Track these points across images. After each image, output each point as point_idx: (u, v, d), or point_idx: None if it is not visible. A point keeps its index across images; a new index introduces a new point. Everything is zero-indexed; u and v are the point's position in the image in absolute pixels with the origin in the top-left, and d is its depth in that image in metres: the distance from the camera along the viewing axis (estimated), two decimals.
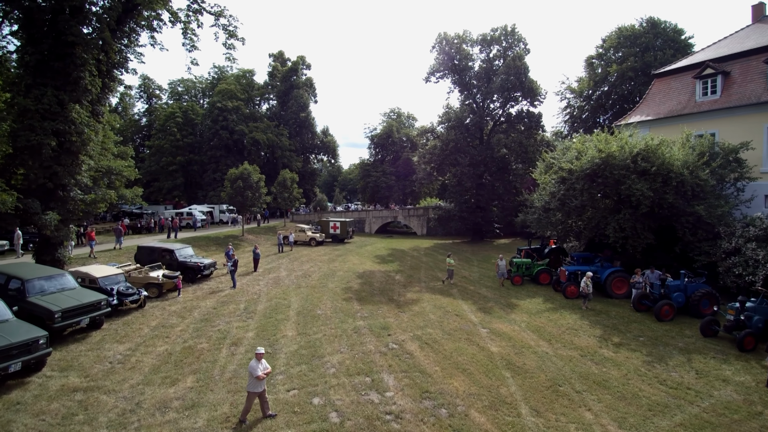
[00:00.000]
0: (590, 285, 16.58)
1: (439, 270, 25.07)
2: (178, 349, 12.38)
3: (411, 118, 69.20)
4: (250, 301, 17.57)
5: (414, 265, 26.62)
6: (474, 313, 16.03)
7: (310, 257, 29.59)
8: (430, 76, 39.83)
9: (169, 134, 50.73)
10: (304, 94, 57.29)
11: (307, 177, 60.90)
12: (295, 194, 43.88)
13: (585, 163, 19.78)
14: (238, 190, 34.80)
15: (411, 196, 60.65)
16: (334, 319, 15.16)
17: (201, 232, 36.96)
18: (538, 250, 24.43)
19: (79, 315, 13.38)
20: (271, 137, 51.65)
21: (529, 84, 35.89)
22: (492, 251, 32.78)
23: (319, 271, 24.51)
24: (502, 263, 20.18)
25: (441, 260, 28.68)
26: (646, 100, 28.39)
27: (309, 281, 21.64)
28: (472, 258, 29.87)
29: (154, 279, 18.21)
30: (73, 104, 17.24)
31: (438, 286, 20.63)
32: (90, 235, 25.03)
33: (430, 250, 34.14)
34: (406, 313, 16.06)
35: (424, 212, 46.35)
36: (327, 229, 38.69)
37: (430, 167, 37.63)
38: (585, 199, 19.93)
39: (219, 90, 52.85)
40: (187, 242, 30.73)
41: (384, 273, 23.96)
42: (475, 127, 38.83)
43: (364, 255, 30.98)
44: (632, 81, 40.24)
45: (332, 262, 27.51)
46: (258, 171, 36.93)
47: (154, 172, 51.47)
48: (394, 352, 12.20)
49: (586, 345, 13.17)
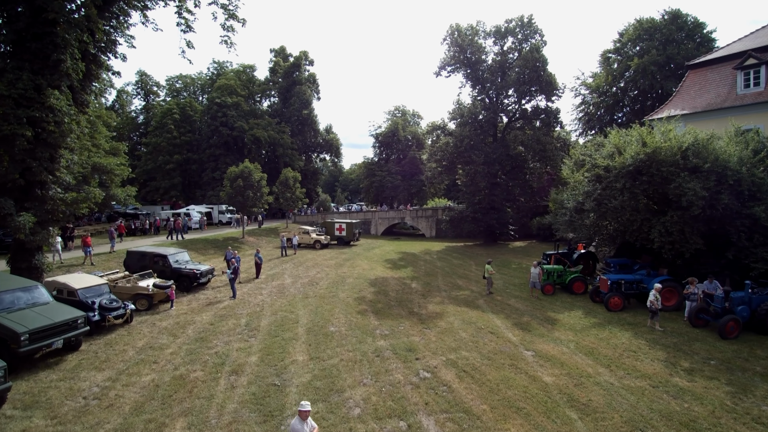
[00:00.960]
0: (659, 299, 14.45)
1: (457, 277, 22.96)
2: (167, 380, 10.26)
3: (416, 116, 67.17)
4: (253, 315, 15.44)
5: (429, 271, 24.50)
6: (511, 330, 13.91)
7: (315, 262, 27.47)
8: (441, 69, 37.78)
9: (166, 132, 48.60)
10: (307, 91, 55.18)
11: (310, 176, 58.79)
12: (298, 194, 41.78)
13: (627, 159, 17.72)
14: (238, 189, 32.71)
15: (417, 197, 58.56)
16: (351, 337, 13.04)
17: (199, 234, 34.84)
18: (566, 255, 22.35)
19: (50, 336, 11.27)
20: (272, 135, 49.55)
21: (547, 78, 33.83)
22: (509, 255, 30.69)
23: (327, 277, 22.40)
24: (536, 271, 18.05)
25: (457, 265, 26.58)
26: (680, 93, 26.31)
27: (317, 290, 19.52)
28: None
29: (144, 289, 16.09)
30: (52, 90, 15.12)
31: (462, 296, 18.51)
32: (85, 241, 22.54)
33: (443, 253, 32.03)
34: (432, 329, 13.95)
35: (432, 213, 44.25)
36: (332, 231, 36.59)
37: (441, 165, 35.49)
38: (626, 200, 17.83)
39: (218, 86, 50.74)
40: (183, 245, 28.67)
41: (398, 280, 21.85)
42: (488, 124, 36.77)
43: (373, 259, 28.86)
44: (654, 75, 38.18)
45: (340, 267, 25.40)
46: (259, 169, 34.85)
47: (151, 171, 49.33)
48: (428, 383, 10.10)
49: (653, 372, 11.08)
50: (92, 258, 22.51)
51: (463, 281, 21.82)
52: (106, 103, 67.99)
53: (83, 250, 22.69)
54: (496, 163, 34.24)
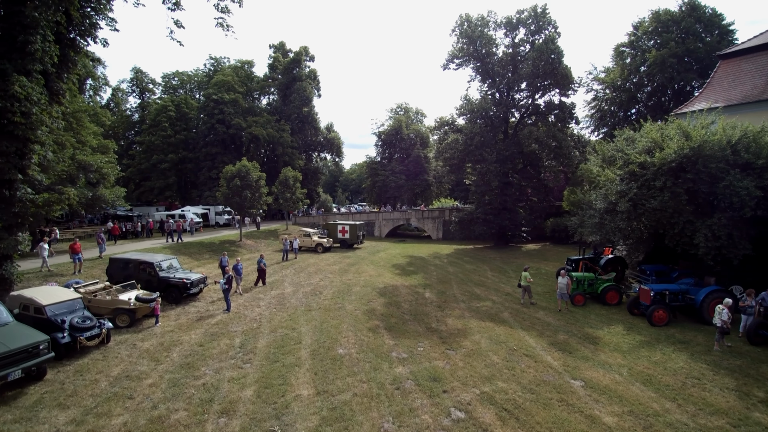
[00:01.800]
0: (730, 317, 12.52)
1: (474, 284, 21.04)
2: (142, 423, 8.34)
3: (420, 114, 65.17)
4: (249, 333, 13.50)
5: (442, 278, 22.58)
6: (549, 352, 11.99)
7: (318, 267, 25.54)
8: (449, 62, 35.91)
9: (161, 129, 46.65)
10: (307, 87, 53.20)
11: (310, 176, 56.83)
12: (299, 194, 39.87)
13: (669, 154, 15.82)
14: (234, 189, 30.80)
15: (422, 197, 56.62)
16: (363, 363, 11.11)
17: (193, 237, 32.88)
18: (592, 261, 20.45)
19: (6, 366, 9.39)
20: (271, 132, 47.60)
21: (563, 70, 31.93)
22: (523, 259, 28.77)
23: (332, 285, 20.47)
24: (564, 281, 16.11)
25: (471, 271, 24.67)
26: (712, 85, 24.43)
27: (321, 300, 17.59)
28: (505, 268, 25.84)
29: (124, 303, 14.15)
30: (18, 76, 13.20)
31: (483, 308, 16.58)
32: (73, 248, 20.06)
33: (453, 257, 30.11)
34: (456, 351, 12.03)
35: (439, 214, 42.33)
36: (335, 234, 34.67)
37: (451, 164, 33.56)
38: (666, 200, 15.94)
39: (215, 81, 48.75)
40: (176, 249, 26.74)
41: (410, 289, 19.92)
42: (499, 120, 34.88)
43: (380, 264, 26.94)
44: (674, 68, 36.28)
45: (345, 274, 23.48)
46: (258, 168, 32.94)
47: (145, 171, 47.39)
48: (464, 427, 8.18)
49: (727, 405, 9.20)
50: (81, 266, 20.32)
51: (480, 290, 19.90)
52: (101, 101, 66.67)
53: (71, 257, 20.42)
54: (508, 161, 32.38)
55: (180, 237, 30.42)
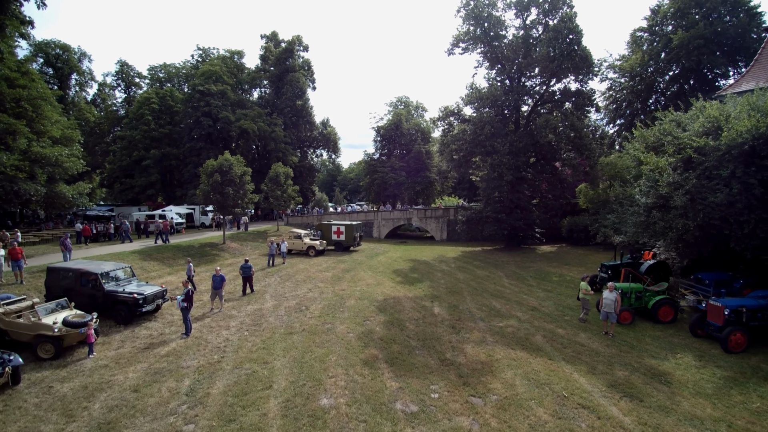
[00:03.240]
0: None
1: (491, 295, 17.78)
2: None
3: (421, 108, 61.92)
4: (204, 371, 10.21)
5: (452, 287, 19.32)
6: (612, 400, 8.72)
7: (308, 274, 22.28)
8: (454, 47, 32.66)
9: (143, 123, 43.25)
10: (301, 78, 49.83)
11: (305, 174, 53.50)
12: (290, 192, 36.57)
13: (740, 135, 12.61)
14: (215, 186, 27.50)
15: (423, 195, 53.37)
16: (355, 423, 7.84)
17: (173, 240, 29.57)
18: (631, 267, 17.26)
19: None
20: (262, 127, 44.25)
21: (582, 53, 28.71)
22: (542, 263, 25.55)
23: (321, 297, 17.21)
24: (611, 296, 12.76)
25: (483, 278, 21.42)
26: (759, 62, 21.26)
27: (306, 319, 14.33)
28: (522, 274, 22.59)
29: (47, 329, 10.87)
30: None
31: (508, 330, 13.29)
32: (13, 254, 16.48)
33: (461, 261, 26.86)
34: (485, 400, 8.76)
35: (443, 213, 39.07)
36: (329, 235, 31.40)
37: (457, 156, 30.28)
38: (735, 192, 12.73)
39: (202, 71, 45.33)
40: (147, 253, 23.48)
41: (415, 302, 16.66)
42: (510, 109, 31.67)
43: (379, 270, 23.68)
44: (701, 52, 33.10)
45: (338, 282, 20.23)
46: (243, 163, 29.63)
47: (126, 168, 44.01)
48: None
49: None
50: (22, 275, 16.87)
51: (500, 303, 16.63)
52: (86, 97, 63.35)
53: (10, 265, 16.98)
54: (521, 153, 29.15)
55: (167, 238, 27.89)
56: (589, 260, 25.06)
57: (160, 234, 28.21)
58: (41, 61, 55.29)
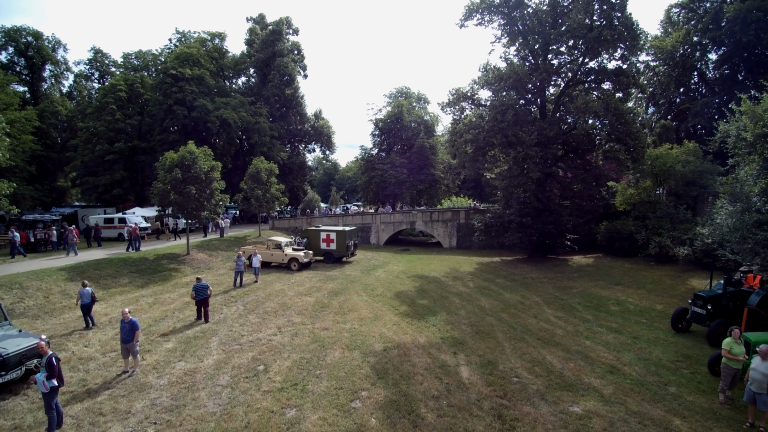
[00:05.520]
0: None
1: (539, 341, 12.34)
2: None
3: (423, 100, 56.36)
4: None
5: (478, 324, 13.91)
6: None
7: (282, 300, 16.86)
8: (467, 18, 27.25)
9: (107, 113, 37.74)
10: (290, 64, 44.34)
11: (296, 171, 48.01)
12: (274, 191, 31.17)
13: None
14: (174, 183, 22.11)
15: (426, 195, 47.95)
16: None
17: (120, 252, 24.16)
18: (735, 296, 11.96)
19: None
20: (244, 117, 38.78)
21: (625, 21, 23.35)
22: (583, 281, 20.19)
23: (293, 345, 11.81)
24: (764, 366, 7.42)
25: (517, 306, 15.99)
26: None
27: (258, 396, 8.92)
28: (567, 300, 17.19)
29: None
30: None
31: (597, 426, 7.88)
32: None
33: (480, 278, 21.48)
34: None
35: (452, 216, 33.65)
36: (317, 243, 26.00)
37: (473, 148, 24.80)
38: None
39: (176, 54, 39.90)
40: (81, 270, 18.11)
41: (430, 354, 11.24)
42: (534, 92, 26.29)
43: (377, 293, 18.26)
44: (759, 26, 27.82)
45: (321, 314, 14.84)
46: (211, 156, 24.23)
47: (88, 164, 38.51)
48: None
49: None
50: None
51: (557, 356, 11.22)
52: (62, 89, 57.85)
53: None
54: (551, 144, 23.78)
55: (138, 245, 23.95)
56: (645, 278, 19.68)
57: (131, 241, 23.93)
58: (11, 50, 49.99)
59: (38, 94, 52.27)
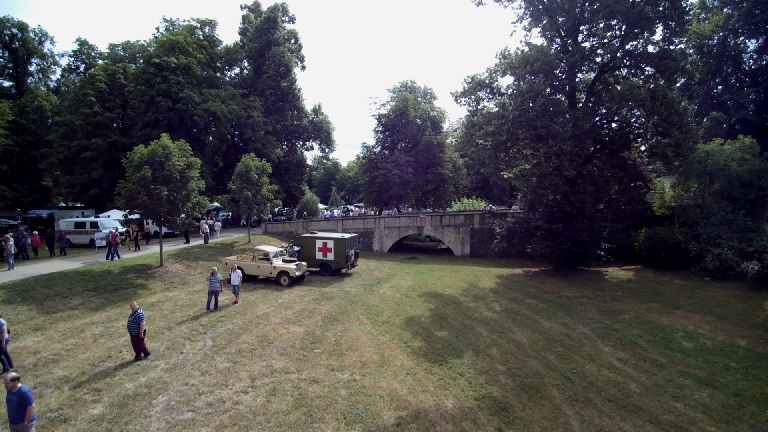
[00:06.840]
0: None
1: (611, 403, 8.85)
2: None
3: (429, 95, 52.82)
4: None
5: (520, 373, 10.44)
6: None
7: (264, 330, 13.41)
8: None
9: (86, 106, 34.37)
10: (286, 54, 40.89)
11: (292, 170, 44.53)
12: (265, 192, 27.74)
13: None
14: (144, 183, 18.75)
15: (434, 196, 44.44)
16: None
17: (83, 262, 20.79)
18: None
19: None
20: (236, 110, 35.36)
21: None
22: (632, 302, 16.69)
23: (265, 415, 8.36)
24: None
25: (563, 341, 12.50)
26: None
27: None
28: (621, 330, 13.68)
29: None
30: None
31: None
32: None
33: (506, 297, 17.99)
34: None
35: (465, 221, 30.15)
36: (311, 253, 22.57)
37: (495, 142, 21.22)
38: None
39: (160, 42, 36.51)
40: (24, 289, 14.76)
41: (462, 430, 7.79)
42: (564, 78, 22.80)
43: (383, 319, 14.80)
44: None
45: (309, 356, 11.38)
46: (189, 152, 20.92)
47: (65, 162, 35.17)
48: None
49: None
50: None
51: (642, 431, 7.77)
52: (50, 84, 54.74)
53: None
54: (585, 138, 20.28)
55: (116, 253, 21.18)
56: (708, 300, 16.14)
57: (110, 248, 20.98)
58: None
59: (24, 89, 49.13)
